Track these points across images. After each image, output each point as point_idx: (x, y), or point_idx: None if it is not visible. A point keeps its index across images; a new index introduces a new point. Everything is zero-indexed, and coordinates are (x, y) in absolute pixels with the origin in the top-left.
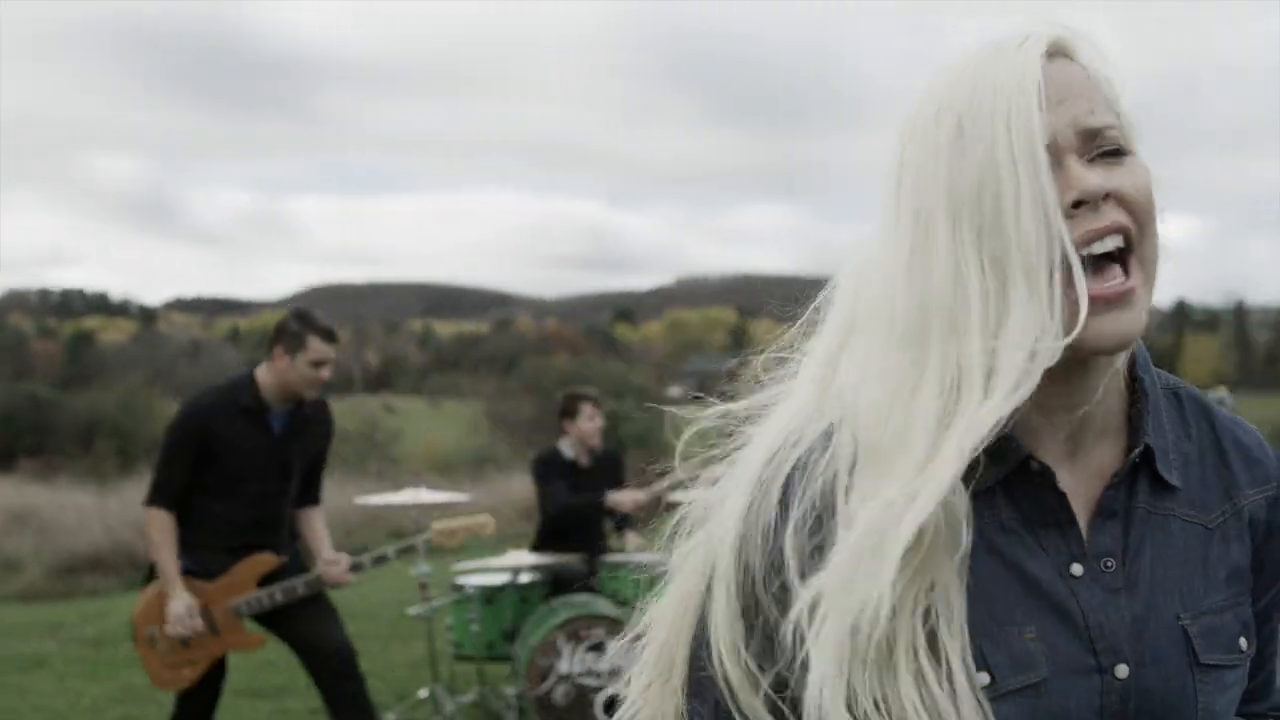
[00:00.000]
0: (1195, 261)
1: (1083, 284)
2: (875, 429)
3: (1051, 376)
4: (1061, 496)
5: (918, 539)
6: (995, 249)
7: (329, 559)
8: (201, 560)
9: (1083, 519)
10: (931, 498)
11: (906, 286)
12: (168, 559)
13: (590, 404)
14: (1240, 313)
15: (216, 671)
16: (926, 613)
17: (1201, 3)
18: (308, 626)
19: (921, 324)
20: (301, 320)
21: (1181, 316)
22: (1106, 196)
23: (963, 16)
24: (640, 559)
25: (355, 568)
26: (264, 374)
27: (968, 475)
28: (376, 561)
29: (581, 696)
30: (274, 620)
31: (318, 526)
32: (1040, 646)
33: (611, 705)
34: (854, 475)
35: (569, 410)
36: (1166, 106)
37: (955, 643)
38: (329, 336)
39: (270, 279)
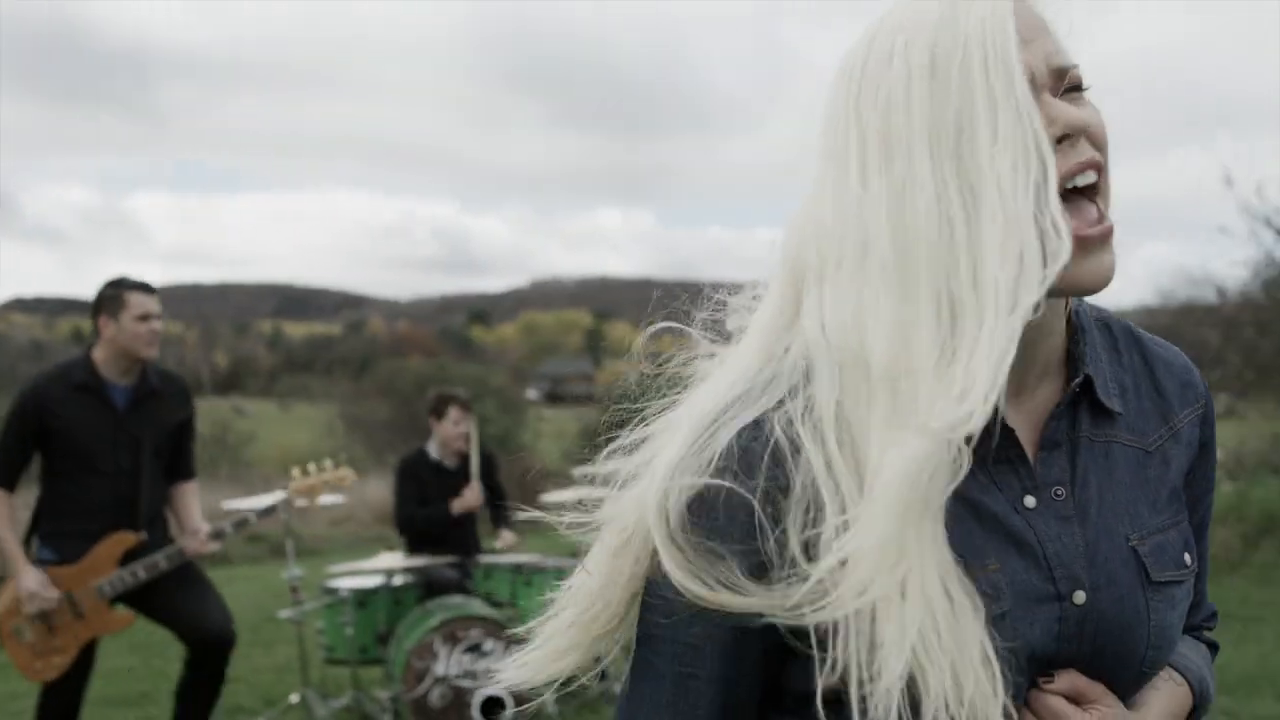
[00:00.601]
0: None
1: (1065, 225)
2: (884, 365)
3: None
4: (1010, 433)
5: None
6: (975, 181)
7: (190, 530)
8: (60, 547)
9: (1030, 452)
10: (978, 424)
11: (887, 220)
12: (7, 537)
13: (457, 407)
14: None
15: (84, 660)
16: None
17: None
18: (188, 604)
19: (908, 256)
20: (114, 284)
21: None
22: (1085, 132)
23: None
24: (514, 560)
25: (216, 535)
26: (98, 351)
27: None
28: (237, 526)
29: (458, 698)
30: (149, 602)
31: (189, 500)
32: (1002, 578)
33: (488, 706)
34: (849, 412)
35: (437, 410)
36: None
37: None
38: (146, 289)
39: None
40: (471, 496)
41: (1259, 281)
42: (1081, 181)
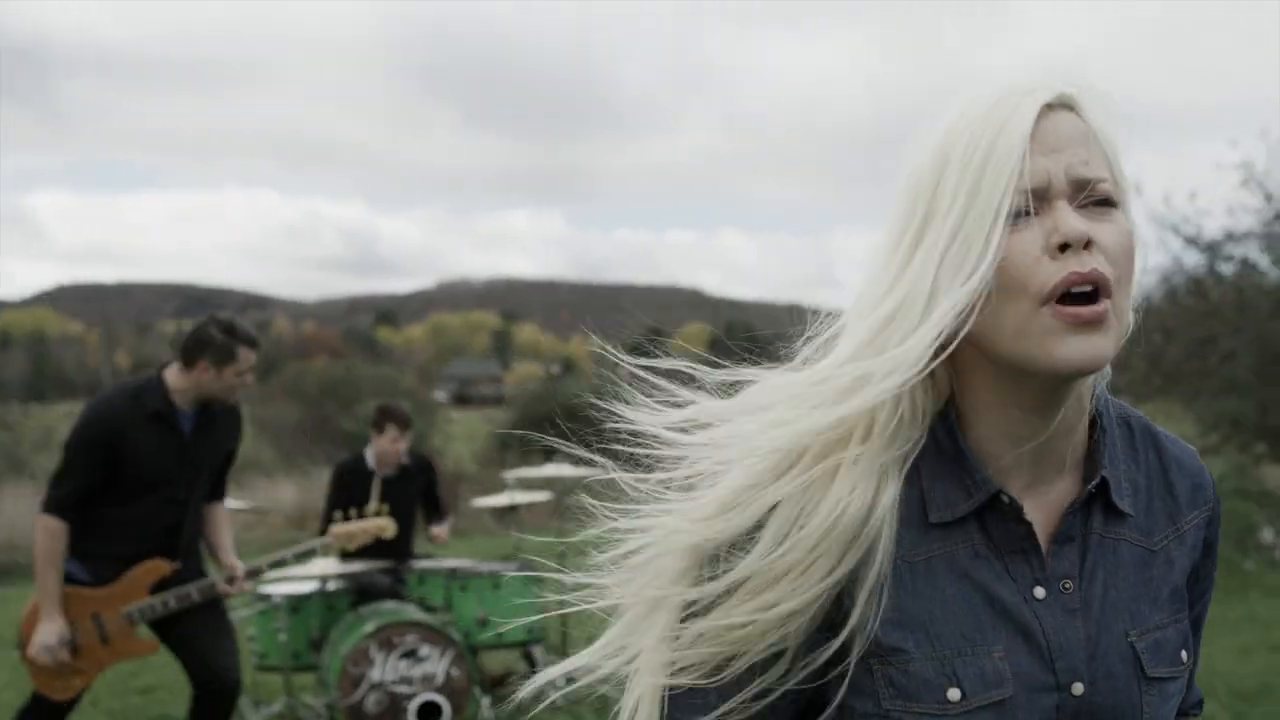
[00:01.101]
0: None
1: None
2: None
3: (1022, 407)
4: (1028, 526)
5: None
6: (940, 271)
7: (226, 566)
8: (96, 569)
9: (1044, 545)
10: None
11: (883, 297)
12: (51, 576)
13: (396, 426)
14: None
15: None
16: None
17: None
18: (204, 642)
19: (869, 320)
20: (228, 332)
21: None
22: (1089, 244)
23: (722, 30)
24: (448, 565)
25: (252, 573)
26: (176, 378)
27: (935, 505)
28: (274, 565)
29: (394, 704)
30: (168, 630)
31: (221, 526)
32: (1007, 665)
33: (425, 712)
34: None
35: (377, 424)
36: (916, 121)
37: None
38: (253, 343)
39: (13, 278)
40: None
41: (1166, 288)
42: (1075, 291)
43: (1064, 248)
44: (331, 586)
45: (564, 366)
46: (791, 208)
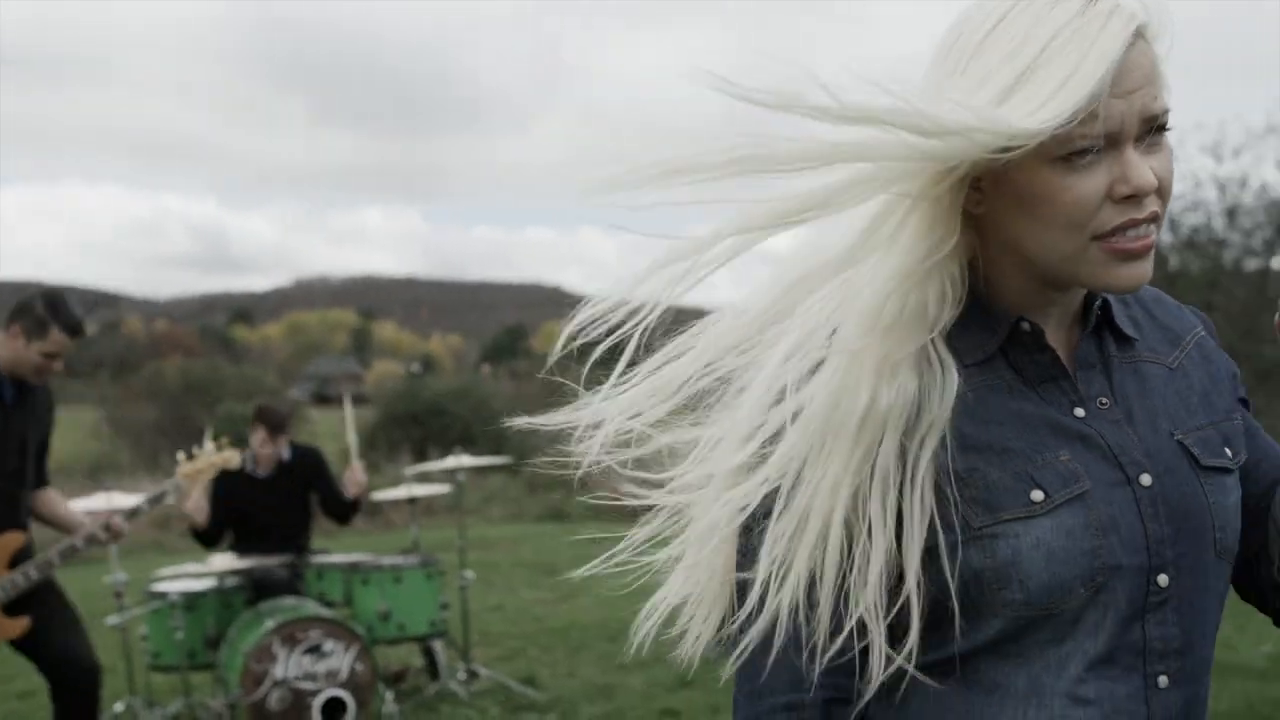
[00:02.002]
0: None
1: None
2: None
3: (1050, 288)
4: (1053, 353)
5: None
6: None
7: (75, 523)
8: None
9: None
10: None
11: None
12: None
13: (265, 429)
14: None
15: None
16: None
17: (806, 19)
18: (54, 633)
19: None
20: (51, 307)
21: None
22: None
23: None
24: (347, 559)
25: (132, 514)
26: None
27: (966, 349)
28: (130, 516)
29: (298, 701)
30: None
31: (59, 503)
32: (1077, 465)
33: (330, 708)
34: None
35: (252, 424)
36: (775, 122)
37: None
38: (73, 331)
39: None
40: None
41: None
42: (1131, 233)
43: (1129, 198)
44: (227, 583)
45: (424, 364)
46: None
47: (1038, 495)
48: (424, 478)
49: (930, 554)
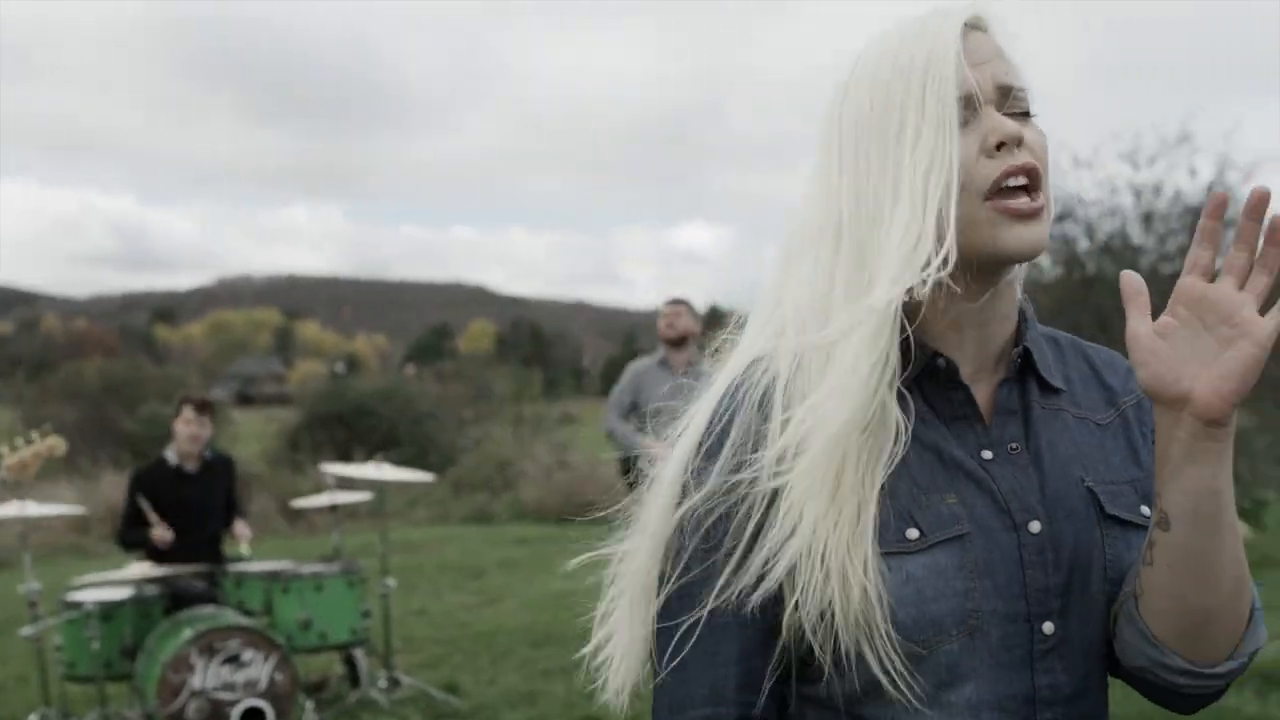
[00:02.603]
0: (724, 268)
1: (951, 233)
2: (805, 322)
3: (968, 295)
4: (967, 391)
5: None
6: (899, 180)
7: None
8: None
9: (987, 418)
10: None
11: (841, 214)
12: None
13: (191, 406)
14: None
15: None
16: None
17: (724, 18)
18: None
19: (845, 242)
20: None
21: (715, 320)
22: (1020, 141)
23: (501, 25)
24: (267, 568)
25: None
26: None
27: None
28: None
29: (217, 711)
30: None
31: None
32: (961, 508)
33: (249, 717)
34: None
35: (177, 411)
36: (696, 122)
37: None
38: None
39: None
40: (162, 532)
41: None
42: (1013, 183)
43: (1000, 146)
44: (145, 592)
45: (348, 364)
46: (572, 205)
47: (913, 534)
48: (346, 484)
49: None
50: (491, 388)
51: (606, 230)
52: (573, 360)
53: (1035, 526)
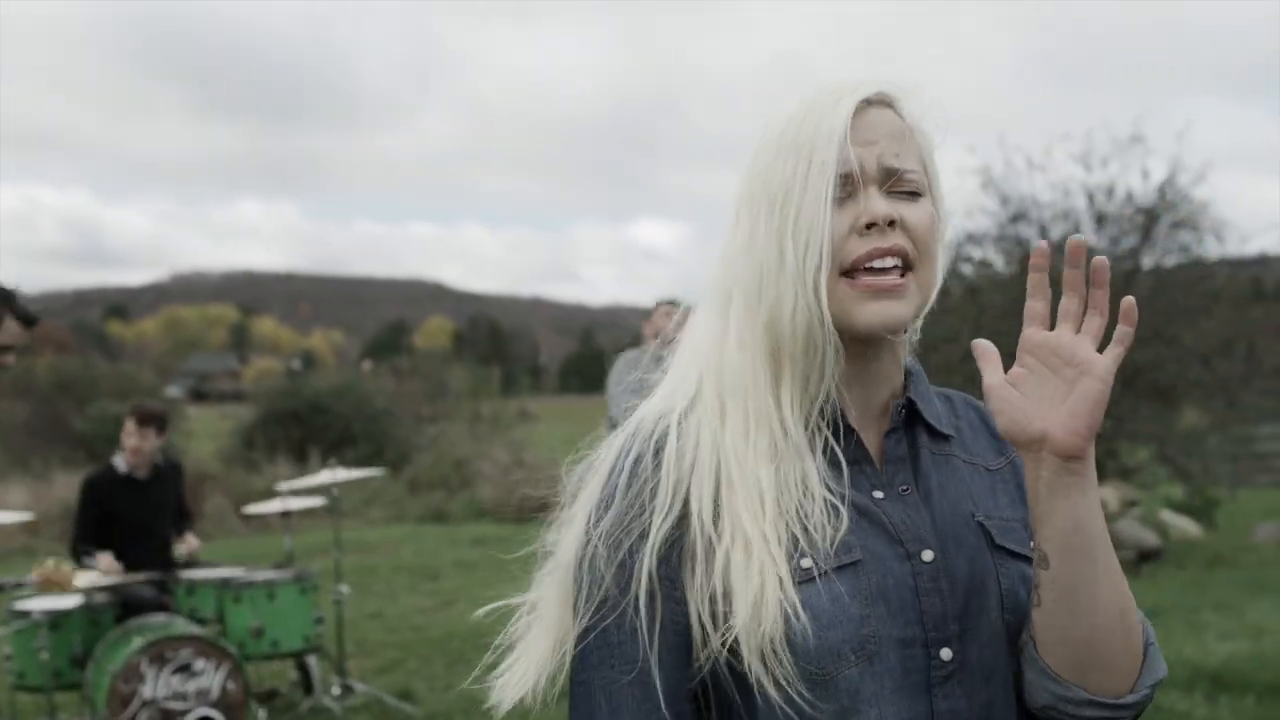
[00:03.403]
0: (685, 266)
1: (822, 303)
2: (717, 394)
3: (848, 358)
4: (856, 436)
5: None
6: (784, 249)
7: None
8: None
9: (878, 465)
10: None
11: (733, 266)
12: None
13: (133, 419)
14: None
15: None
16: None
17: (683, 18)
18: None
19: (741, 303)
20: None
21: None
22: (893, 223)
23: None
24: (218, 575)
25: None
26: None
27: None
28: None
29: None
30: None
31: None
32: (854, 539)
33: None
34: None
35: (128, 421)
36: (652, 119)
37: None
38: (29, 321)
39: None
40: (108, 564)
41: None
42: (879, 264)
43: (870, 226)
44: (95, 601)
45: (304, 361)
46: (529, 201)
47: (807, 563)
48: (298, 490)
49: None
50: (449, 385)
51: (563, 227)
52: (530, 357)
53: (928, 555)
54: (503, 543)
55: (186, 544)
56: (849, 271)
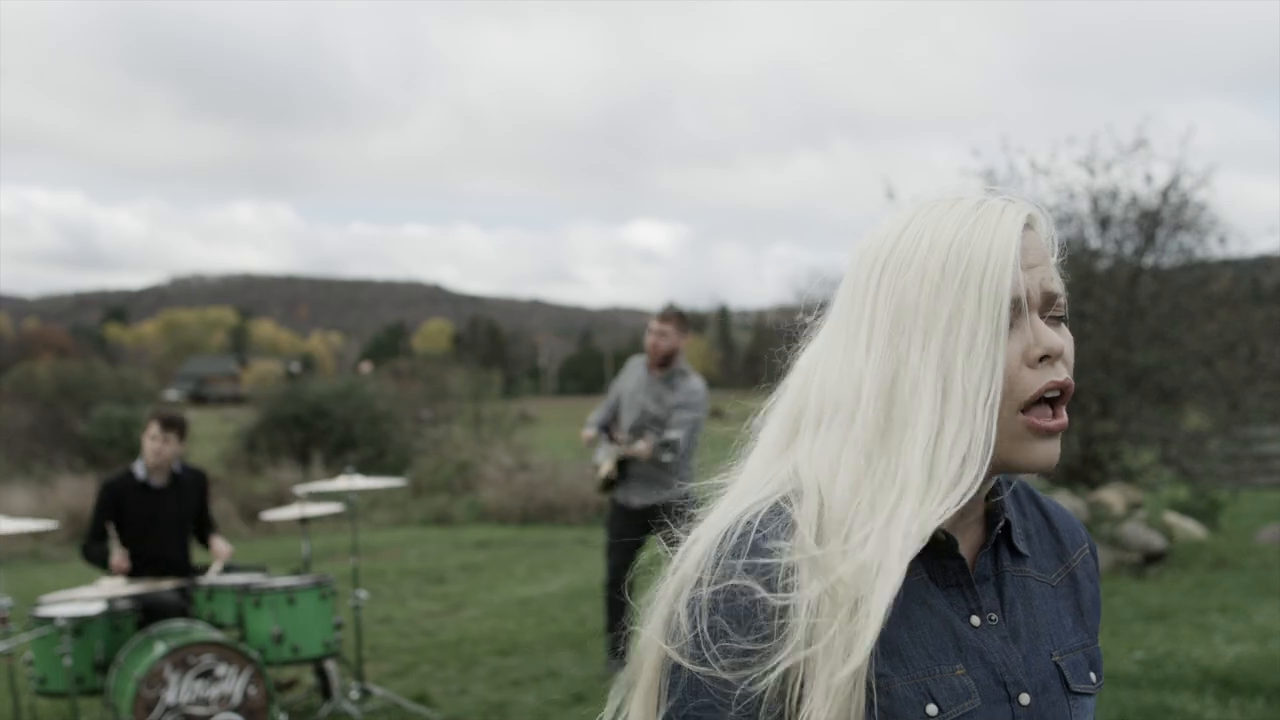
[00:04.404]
0: (680, 267)
1: (989, 438)
2: (842, 510)
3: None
4: (962, 561)
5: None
6: (949, 380)
7: None
8: None
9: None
10: (891, 576)
11: (878, 391)
12: None
13: (157, 423)
14: (724, 316)
15: None
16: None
17: (676, 18)
18: None
19: (884, 429)
20: None
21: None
22: (1060, 354)
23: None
24: (238, 581)
25: None
26: None
27: None
28: None
29: None
30: None
31: None
32: (970, 681)
33: None
34: (820, 541)
35: (146, 424)
36: (643, 121)
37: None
38: None
39: None
40: (118, 561)
41: None
42: (1050, 395)
43: (1043, 359)
44: (117, 607)
45: (304, 363)
46: (521, 203)
47: (932, 709)
48: (316, 496)
49: None
50: (449, 387)
51: (558, 228)
52: (529, 359)
53: (1025, 699)
54: (507, 546)
55: (216, 551)
56: (1024, 409)
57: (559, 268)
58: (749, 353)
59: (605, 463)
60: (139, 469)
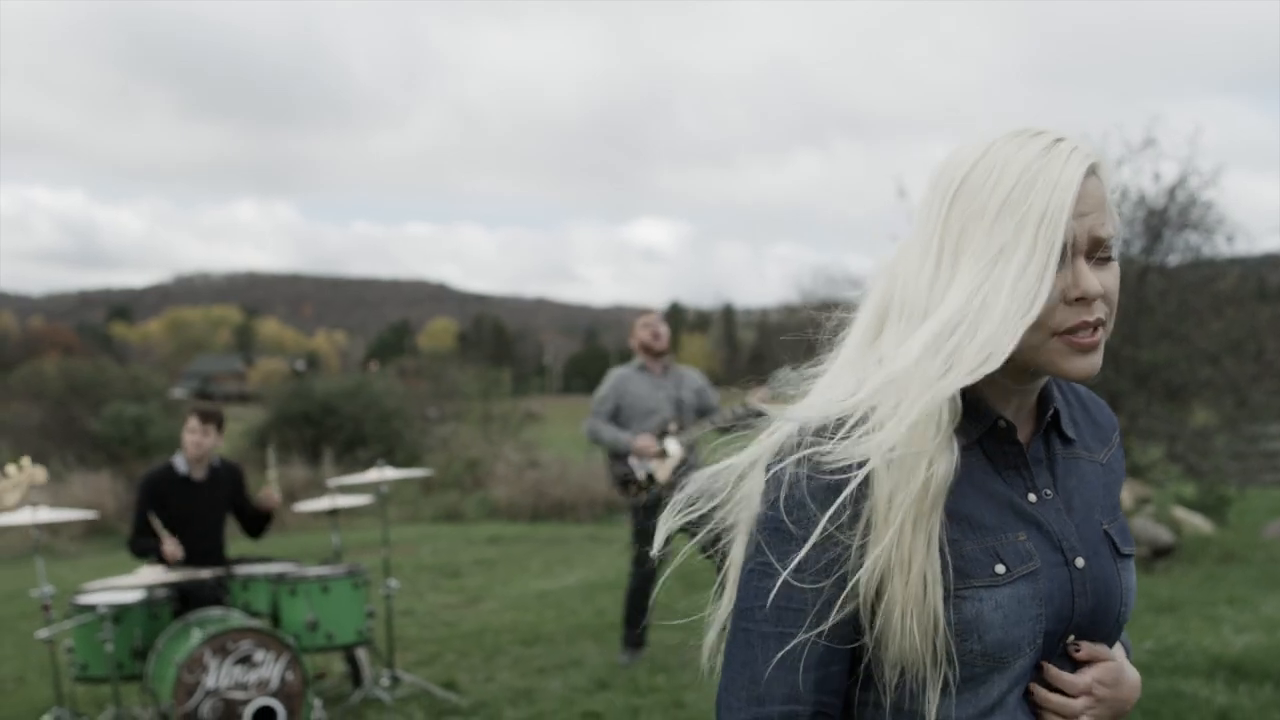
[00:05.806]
0: (683, 266)
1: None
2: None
3: (1023, 381)
4: (1020, 446)
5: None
6: (992, 296)
7: None
8: None
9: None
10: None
11: (944, 298)
12: None
13: (196, 415)
14: (728, 314)
15: None
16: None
17: (676, 18)
18: None
19: (944, 326)
20: None
21: (675, 317)
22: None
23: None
24: (273, 569)
25: None
26: None
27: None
28: None
29: (230, 710)
30: None
31: None
32: (1031, 546)
33: (261, 716)
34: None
35: (190, 419)
36: (644, 120)
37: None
38: None
39: None
40: (172, 549)
41: None
42: (1082, 334)
43: (1079, 299)
44: (155, 595)
45: (309, 362)
46: (523, 201)
47: (1000, 569)
48: (346, 488)
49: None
50: (457, 385)
51: (559, 227)
52: (535, 358)
53: (1080, 562)
54: (519, 541)
55: (268, 496)
56: (1057, 334)
57: (562, 266)
58: (753, 351)
59: (663, 465)
60: (180, 462)
